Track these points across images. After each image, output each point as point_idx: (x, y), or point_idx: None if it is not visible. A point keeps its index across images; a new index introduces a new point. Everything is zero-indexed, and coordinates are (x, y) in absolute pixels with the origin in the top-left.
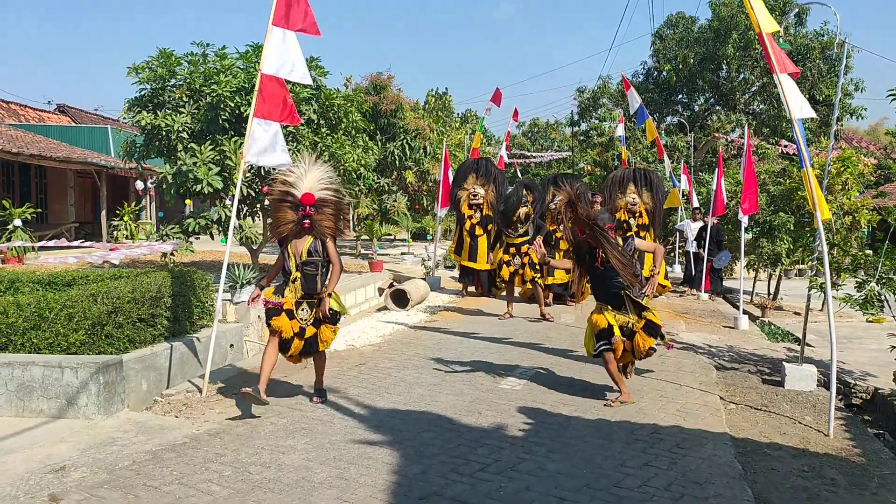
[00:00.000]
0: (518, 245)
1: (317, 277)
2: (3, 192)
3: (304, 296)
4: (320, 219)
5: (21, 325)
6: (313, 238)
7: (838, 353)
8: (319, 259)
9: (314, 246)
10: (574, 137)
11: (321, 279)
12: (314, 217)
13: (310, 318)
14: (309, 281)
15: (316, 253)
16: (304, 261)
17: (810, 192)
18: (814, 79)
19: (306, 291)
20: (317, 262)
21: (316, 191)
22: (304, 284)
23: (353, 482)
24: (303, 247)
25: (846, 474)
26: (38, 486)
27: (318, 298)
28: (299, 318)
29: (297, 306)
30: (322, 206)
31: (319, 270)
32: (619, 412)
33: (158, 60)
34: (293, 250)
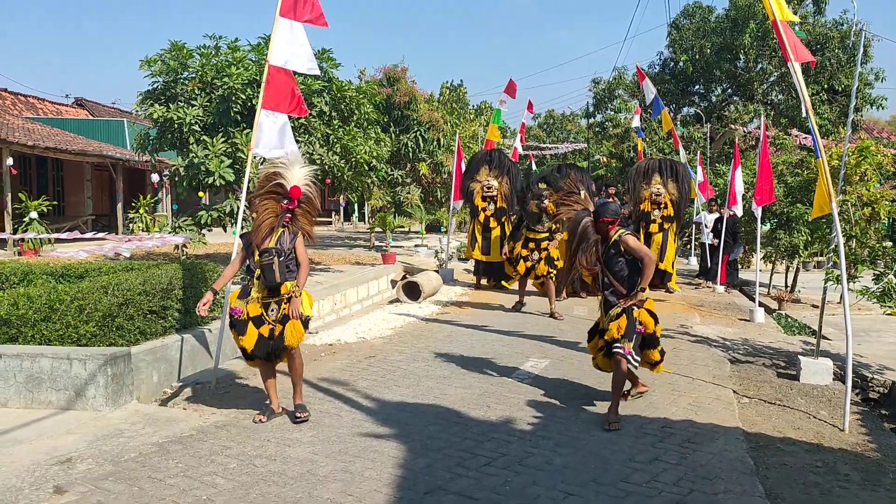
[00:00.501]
0: (539, 240)
1: (273, 267)
2: (20, 184)
3: (269, 293)
4: (300, 213)
5: (32, 317)
6: (283, 230)
7: (855, 346)
8: (280, 248)
9: (282, 239)
10: (589, 129)
11: (280, 269)
12: (296, 211)
13: (279, 316)
14: (266, 273)
15: (279, 244)
16: (263, 248)
17: (827, 183)
18: (833, 69)
19: (267, 285)
20: (272, 250)
21: (302, 186)
22: (263, 277)
23: (357, 476)
24: (272, 240)
25: (860, 470)
26: (43, 477)
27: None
28: (269, 320)
29: (265, 308)
30: (304, 202)
31: (275, 259)
32: (629, 405)
33: (171, 53)
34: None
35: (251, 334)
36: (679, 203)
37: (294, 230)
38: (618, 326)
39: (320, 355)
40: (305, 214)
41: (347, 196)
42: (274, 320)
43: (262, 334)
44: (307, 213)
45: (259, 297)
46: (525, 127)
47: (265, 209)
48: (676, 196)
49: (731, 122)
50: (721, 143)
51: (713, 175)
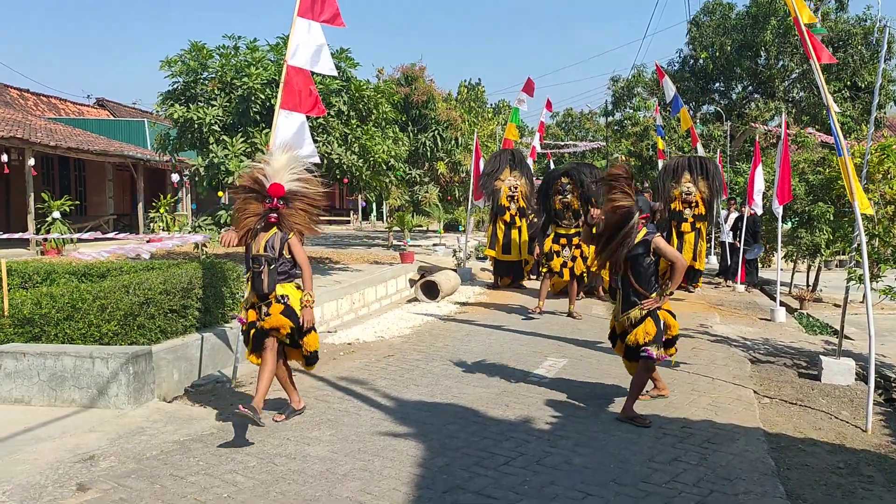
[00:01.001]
0: (570, 236)
1: (262, 276)
2: (43, 184)
3: (260, 297)
4: (289, 213)
5: (55, 316)
6: (275, 232)
7: (878, 346)
8: (271, 255)
9: (272, 241)
10: (608, 127)
11: (269, 278)
12: (282, 211)
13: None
14: (255, 280)
15: (271, 249)
16: (253, 255)
17: (848, 181)
18: (856, 65)
19: (256, 292)
20: (261, 259)
21: (285, 181)
22: (253, 283)
23: (377, 474)
24: (262, 242)
25: (884, 471)
26: (66, 475)
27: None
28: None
29: (258, 311)
30: (292, 200)
31: (265, 267)
32: (648, 406)
33: (190, 54)
34: (255, 245)
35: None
36: (711, 201)
37: (285, 231)
38: (644, 332)
39: (339, 354)
40: (298, 212)
41: (366, 195)
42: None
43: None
44: (301, 210)
45: (251, 302)
46: (544, 126)
47: (244, 212)
48: (707, 194)
49: (752, 120)
50: (741, 142)
51: (733, 174)
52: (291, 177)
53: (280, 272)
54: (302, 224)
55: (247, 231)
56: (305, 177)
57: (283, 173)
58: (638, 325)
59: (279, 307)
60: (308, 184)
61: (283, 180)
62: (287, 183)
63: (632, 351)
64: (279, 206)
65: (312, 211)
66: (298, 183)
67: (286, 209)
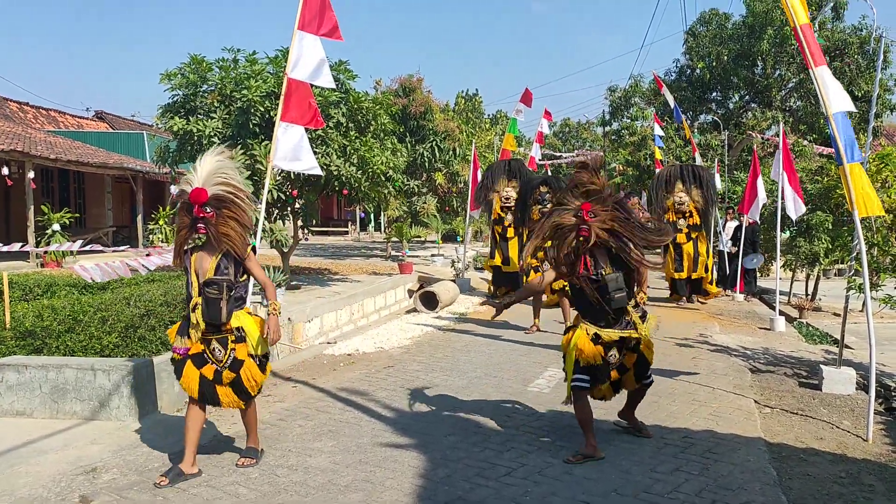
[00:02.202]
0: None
1: (220, 303)
2: (42, 197)
3: (210, 328)
4: (220, 223)
5: (56, 329)
6: (220, 255)
7: (878, 355)
8: (226, 279)
9: (224, 263)
10: (605, 137)
11: (228, 306)
12: (210, 220)
13: (226, 358)
14: (211, 307)
15: (225, 270)
16: (207, 279)
17: (847, 190)
18: (852, 74)
19: (209, 322)
20: (221, 283)
21: (210, 185)
22: (206, 312)
23: (378, 486)
24: (210, 262)
25: (885, 480)
26: (69, 487)
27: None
28: (214, 360)
29: (206, 345)
30: (220, 207)
31: (224, 294)
32: (650, 416)
33: (190, 67)
34: (196, 266)
35: (190, 375)
36: (705, 210)
37: (222, 246)
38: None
39: (339, 365)
40: (228, 221)
41: (364, 206)
42: (219, 361)
43: (204, 375)
44: (231, 219)
45: (199, 333)
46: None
47: (178, 227)
48: (701, 203)
49: (749, 129)
50: (739, 151)
51: (731, 183)
52: (217, 180)
53: (236, 298)
54: (234, 235)
55: (181, 247)
56: (234, 183)
57: (209, 178)
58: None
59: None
60: (238, 190)
61: (207, 185)
62: (212, 188)
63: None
64: (206, 215)
65: (244, 219)
66: (225, 188)
67: (215, 218)
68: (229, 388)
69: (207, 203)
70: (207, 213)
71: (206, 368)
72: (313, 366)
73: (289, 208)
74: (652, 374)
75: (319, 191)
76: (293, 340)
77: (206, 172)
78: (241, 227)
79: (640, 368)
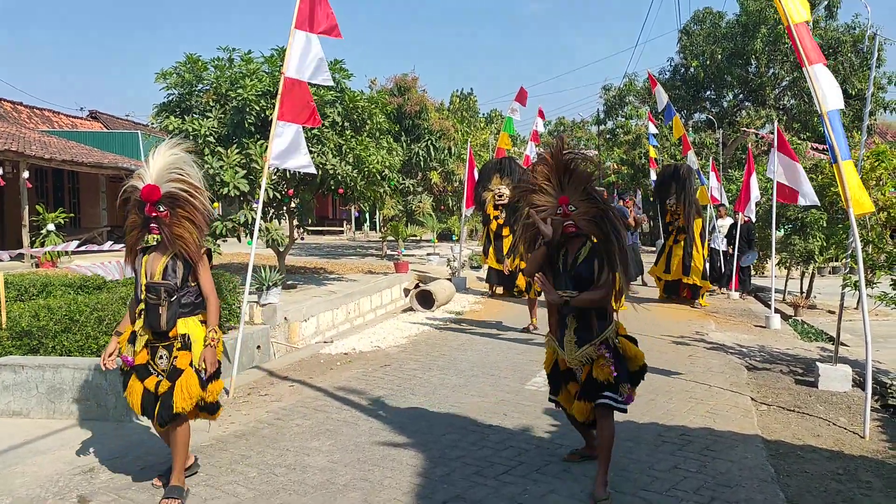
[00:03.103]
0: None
1: (160, 310)
2: (37, 197)
3: (156, 337)
4: (173, 223)
5: (52, 329)
6: (170, 257)
7: (874, 352)
8: (170, 284)
9: (173, 265)
10: (600, 136)
11: (168, 312)
12: (164, 219)
13: (168, 367)
14: (150, 314)
15: (172, 275)
16: (147, 284)
17: (843, 188)
18: (845, 73)
19: (150, 327)
20: (159, 289)
21: (163, 182)
22: (147, 318)
23: (377, 484)
24: (158, 265)
25: (882, 477)
26: (67, 487)
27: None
28: (159, 370)
29: (153, 353)
30: (175, 206)
31: (163, 299)
32: (647, 413)
33: (185, 66)
34: (148, 268)
35: (135, 389)
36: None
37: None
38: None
39: (336, 364)
40: (183, 221)
41: (360, 205)
42: (162, 370)
43: (147, 389)
44: (186, 219)
45: (145, 339)
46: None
47: (128, 228)
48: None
49: (744, 127)
50: (733, 149)
51: (726, 181)
52: (171, 177)
53: (184, 304)
54: (188, 237)
55: (132, 249)
56: (190, 180)
57: (162, 174)
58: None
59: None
60: (193, 189)
61: (160, 182)
62: (166, 185)
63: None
64: (159, 214)
65: (199, 220)
66: (179, 185)
67: (169, 218)
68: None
69: (160, 201)
70: (160, 212)
71: (149, 380)
72: (310, 365)
73: (284, 207)
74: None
75: (315, 190)
76: (290, 340)
77: (160, 168)
78: (195, 229)
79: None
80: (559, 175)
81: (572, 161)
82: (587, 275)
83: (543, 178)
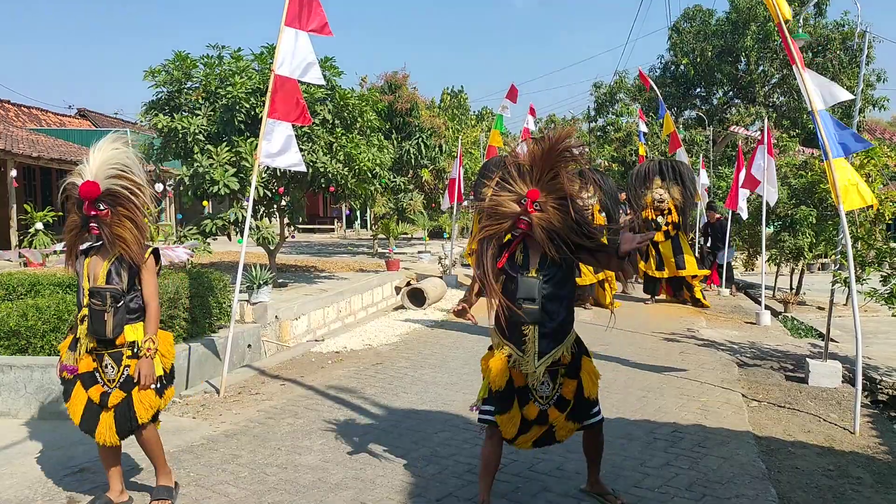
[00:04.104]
0: None
1: (104, 316)
2: (25, 196)
3: (101, 344)
4: (114, 222)
5: (41, 328)
6: (112, 260)
7: (864, 348)
8: (116, 289)
9: (117, 269)
10: (591, 133)
11: (114, 319)
12: (104, 219)
13: (117, 377)
14: (95, 321)
15: (117, 279)
16: (91, 289)
17: (833, 185)
18: (835, 70)
19: (94, 335)
20: (105, 294)
21: (103, 178)
22: (91, 325)
23: (369, 483)
24: (101, 268)
25: (872, 472)
26: (56, 487)
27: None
28: (105, 380)
29: (98, 361)
30: (116, 204)
31: (109, 305)
32: (638, 410)
33: (174, 63)
34: (90, 272)
35: (78, 398)
36: (684, 208)
37: (116, 251)
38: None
39: (327, 363)
40: (124, 221)
41: (350, 203)
42: (110, 381)
43: (91, 399)
44: (128, 218)
45: (88, 346)
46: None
47: (67, 228)
48: (680, 200)
49: (734, 125)
50: (723, 146)
51: (716, 178)
52: (111, 172)
53: (131, 309)
54: (129, 238)
55: (72, 250)
56: (132, 176)
57: (102, 170)
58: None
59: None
60: (136, 186)
61: (99, 178)
62: (106, 182)
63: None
64: (98, 213)
65: (141, 220)
66: (120, 182)
67: (110, 217)
68: (112, 413)
69: (100, 199)
70: (100, 210)
71: (93, 390)
72: (301, 364)
73: (275, 206)
74: (600, 411)
75: (306, 188)
76: (281, 339)
77: (99, 163)
78: (137, 229)
79: (578, 403)
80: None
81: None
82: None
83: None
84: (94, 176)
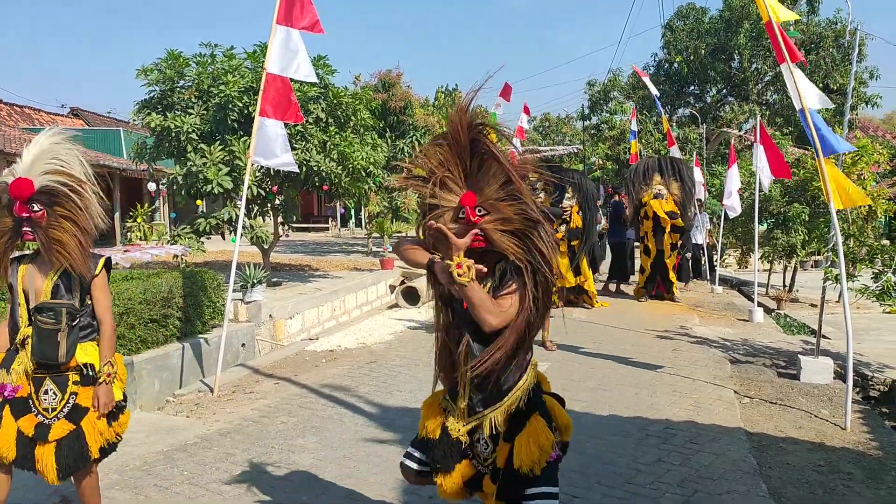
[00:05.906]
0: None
1: (57, 336)
2: None
3: (42, 367)
4: (51, 225)
5: None
6: (59, 271)
7: (855, 344)
8: (67, 304)
9: (65, 280)
10: (585, 131)
11: (68, 340)
12: (38, 221)
13: (60, 405)
14: (45, 342)
15: (66, 293)
16: (39, 304)
17: (824, 183)
18: (827, 68)
19: (41, 359)
20: (59, 310)
21: (37, 175)
22: (38, 347)
23: (363, 481)
24: (45, 281)
25: (863, 468)
26: (49, 487)
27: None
28: (41, 409)
29: (35, 385)
30: (52, 203)
31: (63, 323)
32: (632, 407)
33: (167, 62)
34: (27, 285)
35: (8, 428)
36: (684, 205)
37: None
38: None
39: (321, 361)
40: (62, 223)
41: (345, 202)
42: (46, 409)
43: (21, 431)
44: (66, 219)
45: (27, 370)
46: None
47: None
48: (680, 197)
49: (727, 124)
50: (717, 144)
51: (709, 176)
52: (47, 168)
53: (83, 327)
54: (69, 243)
55: (2, 260)
56: (71, 171)
57: (36, 165)
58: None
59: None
60: (76, 182)
61: (33, 174)
62: (40, 178)
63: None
64: (32, 215)
65: (84, 222)
66: (58, 178)
67: (46, 219)
68: (54, 446)
69: (34, 198)
70: (34, 211)
71: (25, 420)
72: (295, 362)
73: (269, 204)
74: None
75: (300, 187)
76: (275, 337)
77: (33, 157)
78: (80, 232)
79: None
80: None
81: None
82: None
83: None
84: (27, 172)
